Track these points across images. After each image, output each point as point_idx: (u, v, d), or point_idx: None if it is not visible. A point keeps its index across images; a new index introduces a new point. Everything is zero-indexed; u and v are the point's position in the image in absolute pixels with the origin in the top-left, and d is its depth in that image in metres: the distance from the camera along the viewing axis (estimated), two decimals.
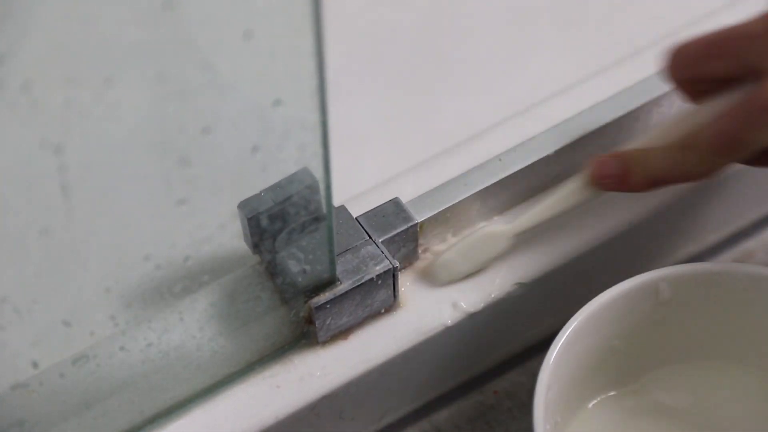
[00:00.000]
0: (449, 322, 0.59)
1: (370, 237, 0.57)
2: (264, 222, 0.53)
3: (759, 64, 0.51)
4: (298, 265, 0.54)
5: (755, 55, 0.51)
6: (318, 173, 0.52)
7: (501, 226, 0.59)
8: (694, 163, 0.52)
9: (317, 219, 0.54)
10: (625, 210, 0.62)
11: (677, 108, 0.64)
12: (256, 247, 0.55)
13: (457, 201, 0.59)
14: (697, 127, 0.52)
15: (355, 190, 0.62)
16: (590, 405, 0.59)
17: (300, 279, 0.54)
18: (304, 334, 0.58)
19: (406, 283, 0.59)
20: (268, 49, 0.47)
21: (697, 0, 0.70)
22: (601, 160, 0.55)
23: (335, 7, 0.52)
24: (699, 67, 0.53)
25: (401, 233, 0.58)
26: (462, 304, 0.59)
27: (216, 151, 0.50)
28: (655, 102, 0.63)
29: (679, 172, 0.53)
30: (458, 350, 0.61)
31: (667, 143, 0.54)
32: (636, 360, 0.59)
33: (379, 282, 0.56)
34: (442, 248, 0.60)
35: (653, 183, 0.54)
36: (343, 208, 0.58)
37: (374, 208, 0.58)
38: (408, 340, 0.58)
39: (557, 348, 0.54)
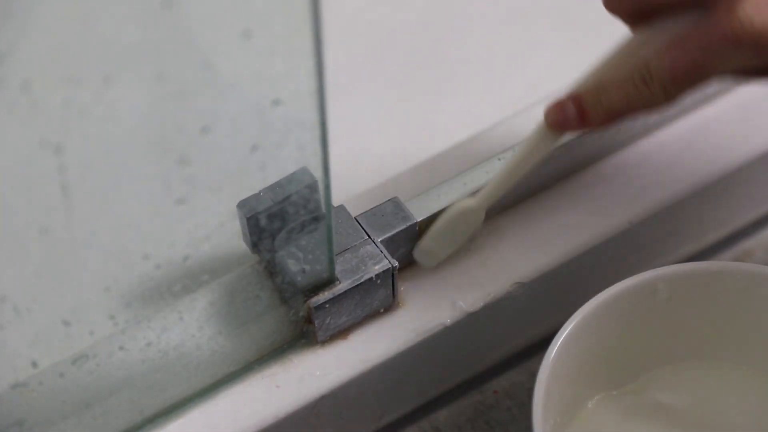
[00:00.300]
0: (448, 322, 0.59)
1: (369, 236, 0.57)
2: (263, 221, 0.53)
3: None
4: (297, 264, 0.54)
5: None
6: (317, 173, 0.52)
7: (470, 201, 0.57)
8: (652, 94, 0.51)
9: (316, 218, 0.54)
10: (624, 209, 0.62)
11: (677, 106, 0.64)
12: (255, 246, 0.55)
13: (456, 200, 0.59)
14: (650, 58, 0.51)
15: (354, 190, 0.62)
16: (589, 404, 0.59)
17: (299, 278, 0.54)
18: (303, 334, 0.58)
19: (405, 282, 0.59)
20: (268, 49, 0.47)
21: None
22: (556, 103, 0.54)
23: (334, 6, 0.52)
24: None
25: (400, 233, 0.58)
26: (461, 303, 0.59)
27: (215, 151, 0.50)
28: None
29: (638, 105, 0.52)
30: (457, 350, 0.61)
31: (621, 76, 0.52)
32: (635, 359, 0.59)
33: (379, 281, 0.56)
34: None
35: (612, 117, 0.53)
36: (342, 207, 0.58)
37: (373, 208, 0.58)
38: (407, 339, 0.58)
39: (556, 347, 0.54)
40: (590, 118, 0.53)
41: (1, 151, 0.45)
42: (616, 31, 0.57)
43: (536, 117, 0.63)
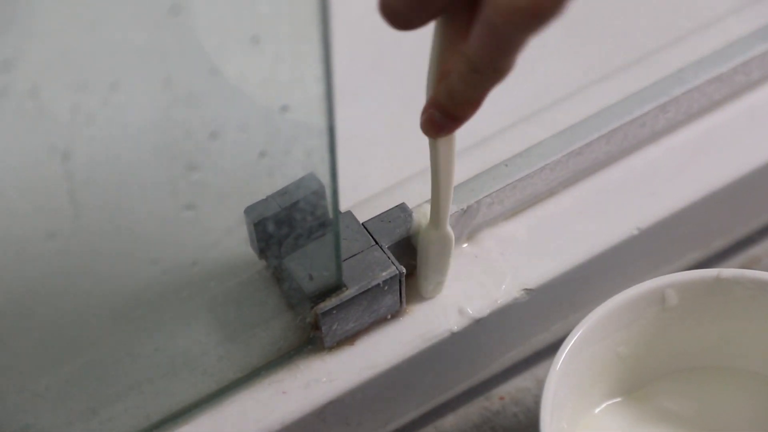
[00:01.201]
0: (455, 328, 0.59)
1: (377, 242, 0.57)
2: (270, 227, 0.53)
3: None
4: (304, 270, 0.54)
5: None
6: (324, 178, 0.51)
7: (433, 232, 0.57)
8: (486, 74, 0.51)
9: (324, 224, 0.54)
10: (632, 216, 0.62)
11: (684, 112, 0.64)
12: (262, 252, 0.55)
13: (463, 207, 0.59)
14: (463, 48, 0.51)
15: (361, 196, 0.62)
16: (596, 411, 0.59)
17: (306, 284, 0.54)
18: (310, 340, 0.58)
19: (412, 288, 0.59)
20: (275, 55, 0.47)
21: (704, 6, 0.70)
22: (425, 118, 0.53)
23: (342, 12, 0.52)
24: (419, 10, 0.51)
25: (408, 239, 0.58)
26: (468, 310, 0.59)
27: (223, 157, 0.50)
28: (662, 107, 0.63)
29: (484, 86, 0.52)
30: (464, 356, 0.61)
31: (455, 70, 0.51)
32: (642, 366, 0.59)
33: (386, 288, 0.56)
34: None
35: (473, 104, 0.53)
36: (349, 213, 0.58)
37: (381, 214, 0.58)
38: (414, 345, 0.58)
39: (564, 354, 0.54)
40: (459, 114, 0.53)
41: (10, 156, 0.45)
42: (622, 37, 0.57)
43: (542, 122, 0.64)
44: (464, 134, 0.65)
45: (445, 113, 0.53)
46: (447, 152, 0.55)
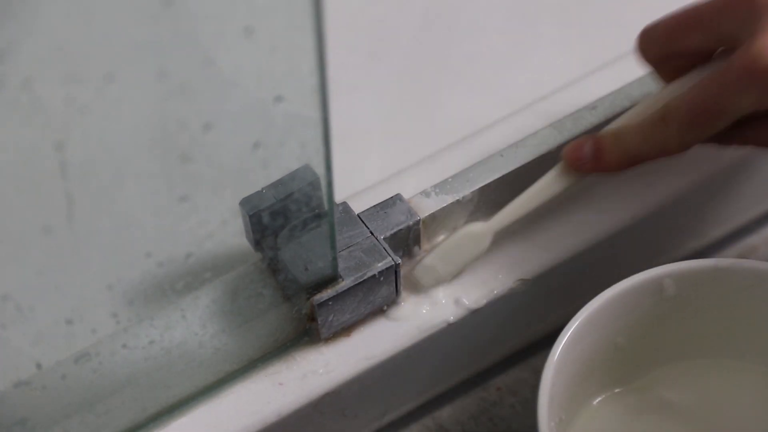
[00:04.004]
0: (452, 319, 0.58)
1: (372, 233, 0.57)
2: (266, 219, 0.53)
3: (734, 33, 0.50)
4: (299, 262, 0.54)
5: (729, 23, 0.51)
6: (319, 170, 0.51)
7: (480, 225, 0.58)
8: (668, 137, 0.52)
9: (319, 216, 0.54)
10: (629, 206, 0.62)
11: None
12: (257, 244, 0.55)
13: (459, 197, 0.59)
14: (671, 100, 0.52)
15: (356, 187, 0.61)
16: (595, 402, 0.59)
17: (302, 276, 0.54)
18: (306, 331, 0.57)
19: (408, 279, 0.59)
20: (269, 46, 0.47)
21: None
22: (575, 143, 0.55)
23: (336, 3, 0.52)
24: (673, 43, 0.53)
25: (403, 230, 0.58)
26: (464, 300, 0.59)
27: (217, 148, 0.49)
28: None
29: (653, 148, 0.53)
30: (461, 347, 0.61)
31: (642, 120, 0.53)
32: (640, 357, 0.59)
33: (382, 278, 0.56)
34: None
35: (628, 160, 0.54)
36: (344, 204, 0.58)
37: (376, 205, 0.58)
38: (410, 336, 0.58)
39: (561, 345, 0.54)
40: (606, 159, 0.54)
41: (3, 149, 0.45)
42: (618, 27, 0.57)
43: (538, 112, 0.64)
44: (460, 124, 0.65)
45: (597, 151, 0.54)
46: (556, 184, 0.56)
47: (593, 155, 0.54)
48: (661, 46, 0.53)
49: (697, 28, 0.52)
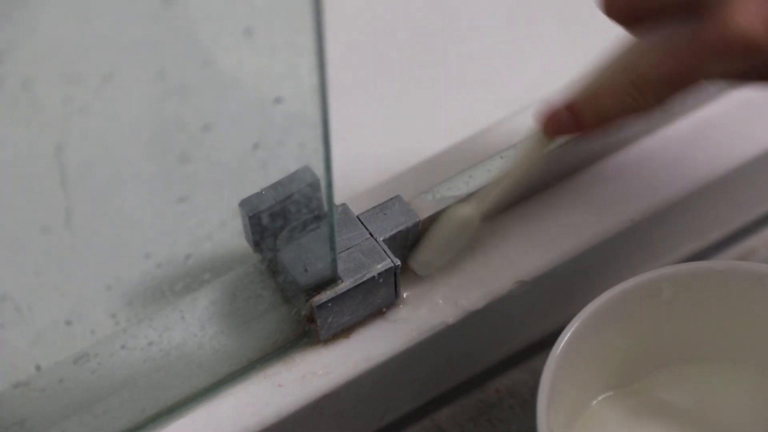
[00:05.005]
0: (451, 320, 0.58)
1: (372, 235, 0.57)
2: (265, 220, 0.53)
3: None
4: (299, 263, 0.54)
5: None
6: (319, 171, 0.51)
7: (465, 207, 0.57)
8: (645, 100, 0.52)
9: (318, 217, 0.54)
10: (627, 208, 0.62)
11: (679, 104, 0.64)
12: (257, 245, 0.55)
13: (459, 198, 0.59)
14: (642, 66, 0.52)
15: (356, 188, 0.61)
16: (593, 403, 0.59)
17: (301, 277, 0.54)
18: (305, 333, 0.57)
19: (407, 281, 0.59)
20: (269, 46, 0.47)
21: None
22: (548, 109, 0.55)
23: (336, 3, 0.52)
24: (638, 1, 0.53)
25: (403, 231, 0.58)
26: (463, 302, 0.59)
27: (216, 149, 0.49)
28: None
29: (630, 110, 0.53)
30: (460, 348, 0.61)
31: (614, 83, 0.53)
32: (639, 359, 0.59)
33: (381, 280, 0.56)
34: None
35: (605, 122, 0.54)
36: (344, 206, 0.58)
37: (375, 206, 0.58)
38: (410, 338, 0.58)
39: (560, 347, 0.54)
40: (584, 123, 0.54)
41: (2, 149, 0.45)
42: (616, 29, 0.56)
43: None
44: (459, 125, 0.65)
45: (574, 117, 0.53)
46: (534, 153, 0.55)
47: (571, 120, 0.54)
48: (627, 2, 0.53)
49: None
